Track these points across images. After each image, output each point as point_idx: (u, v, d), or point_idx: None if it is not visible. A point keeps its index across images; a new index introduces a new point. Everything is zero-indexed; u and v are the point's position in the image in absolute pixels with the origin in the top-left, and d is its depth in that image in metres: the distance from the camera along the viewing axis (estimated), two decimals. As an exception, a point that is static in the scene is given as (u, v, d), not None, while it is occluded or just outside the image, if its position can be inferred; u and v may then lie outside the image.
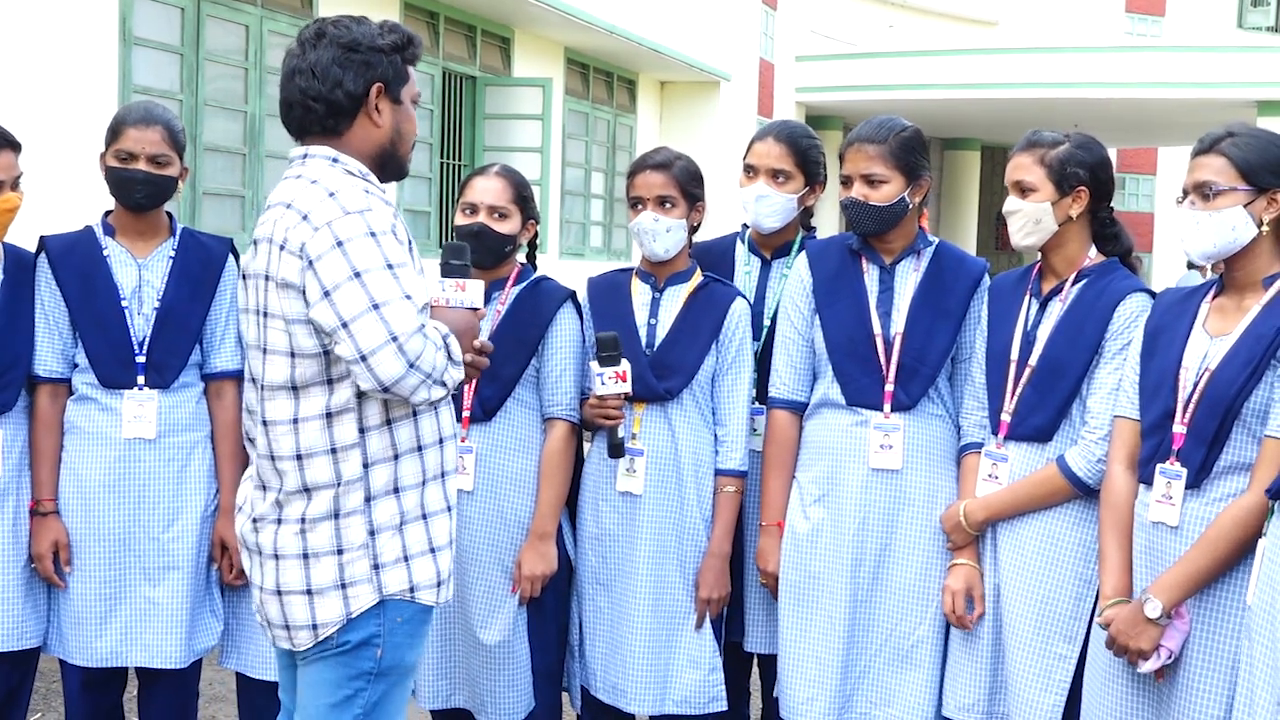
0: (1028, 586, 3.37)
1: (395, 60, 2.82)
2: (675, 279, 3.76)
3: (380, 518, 2.74)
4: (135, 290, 3.69)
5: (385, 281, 2.58)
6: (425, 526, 2.81)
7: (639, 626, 3.64)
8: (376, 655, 2.75)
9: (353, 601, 2.73)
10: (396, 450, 2.75)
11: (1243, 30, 32.41)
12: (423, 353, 2.58)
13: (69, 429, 3.68)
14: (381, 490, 2.74)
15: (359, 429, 2.71)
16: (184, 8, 9.77)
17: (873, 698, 3.55)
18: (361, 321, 2.56)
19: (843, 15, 25.25)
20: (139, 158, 3.62)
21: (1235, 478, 2.96)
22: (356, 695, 2.75)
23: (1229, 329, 3.04)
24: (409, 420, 2.77)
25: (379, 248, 2.61)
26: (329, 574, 2.73)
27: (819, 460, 3.62)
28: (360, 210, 2.64)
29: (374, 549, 2.73)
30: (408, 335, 2.56)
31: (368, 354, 2.55)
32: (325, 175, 2.73)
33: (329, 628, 2.74)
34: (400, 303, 2.58)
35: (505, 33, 14.64)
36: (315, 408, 2.71)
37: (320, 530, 2.73)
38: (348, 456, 2.71)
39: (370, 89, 2.78)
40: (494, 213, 3.69)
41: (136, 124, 3.63)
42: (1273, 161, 3.01)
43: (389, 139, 2.85)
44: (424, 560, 2.80)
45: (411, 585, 2.77)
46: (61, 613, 3.71)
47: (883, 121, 3.61)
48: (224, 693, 5.09)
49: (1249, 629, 2.77)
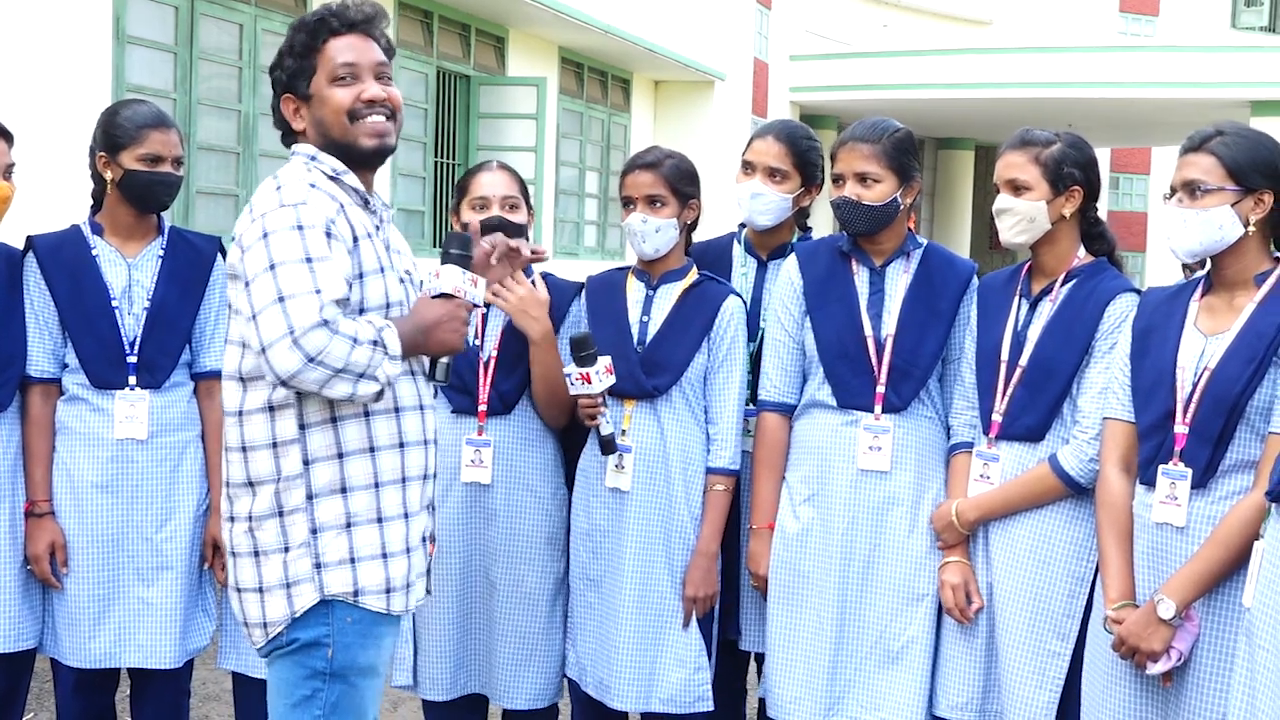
0: (1021, 585, 3.37)
1: (291, 63, 2.84)
2: (669, 277, 3.76)
3: (323, 517, 2.72)
4: (125, 290, 3.69)
5: (297, 275, 2.57)
6: (379, 530, 2.77)
7: (626, 623, 3.64)
8: (328, 655, 2.73)
9: (296, 600, 2.72)
10: (341, 449, 2.73)
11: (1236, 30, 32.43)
12: (326, 348, 2.53)
13: (60, 430, 3.67)
14: (325, 489, 2.72)
15: (299, 425, 2.70)
16: (178, 6, 9.75)
17: (862, 700, 3.55)
18: (266, 313, 2.56)
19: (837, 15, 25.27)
20: (165, 160, 3.62)
21: (1240, 476, 2.96)
22: (314, 695, 2.74)
23: (1224, 327, 3.04)
24: (359, 420, 2.74)
25: (301, 241, 2.61)
26: (276, 572, 2.73)
27: (807, 460, 3.62)
28: (295, 204, 2.66)
29: (316, 548, 2.72)
30: (304, 329, 2.53)
31: (267, 346, 2.55)
32: (290, 171, 2.78)
33: (276, 626, 2.74)
34: (306, 297, 2.55)
35: (500, 32, 14.63)
36: (258, 400, 2.71)
37: (267, 528, 2.73)
38: (288, 452, 2.71)
39: (280, 104, 2.87)
40: (506, 204, 3.72)
41: (159, 127, 3.63)
42: (1261, 162, 3.02)
43: (320, 133, 2.84)
44: (373, 565, 2.76)
45: (356, 589, 2.74)
46: (56, 614, 3.70)
47: (875, 122, 3.61)
48: (217, 692, 5.09)
49: (1249, 631, 2.76)
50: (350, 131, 2.81)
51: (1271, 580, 2.69)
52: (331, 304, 2.58)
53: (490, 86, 14.39)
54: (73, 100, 8.47)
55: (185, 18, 9.82)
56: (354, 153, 2.82)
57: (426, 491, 2.90)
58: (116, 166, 3.63)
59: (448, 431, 3.69)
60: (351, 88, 2.80)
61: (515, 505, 3.73)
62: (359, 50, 2.82)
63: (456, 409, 3.73)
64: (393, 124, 2.85)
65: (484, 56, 14.45)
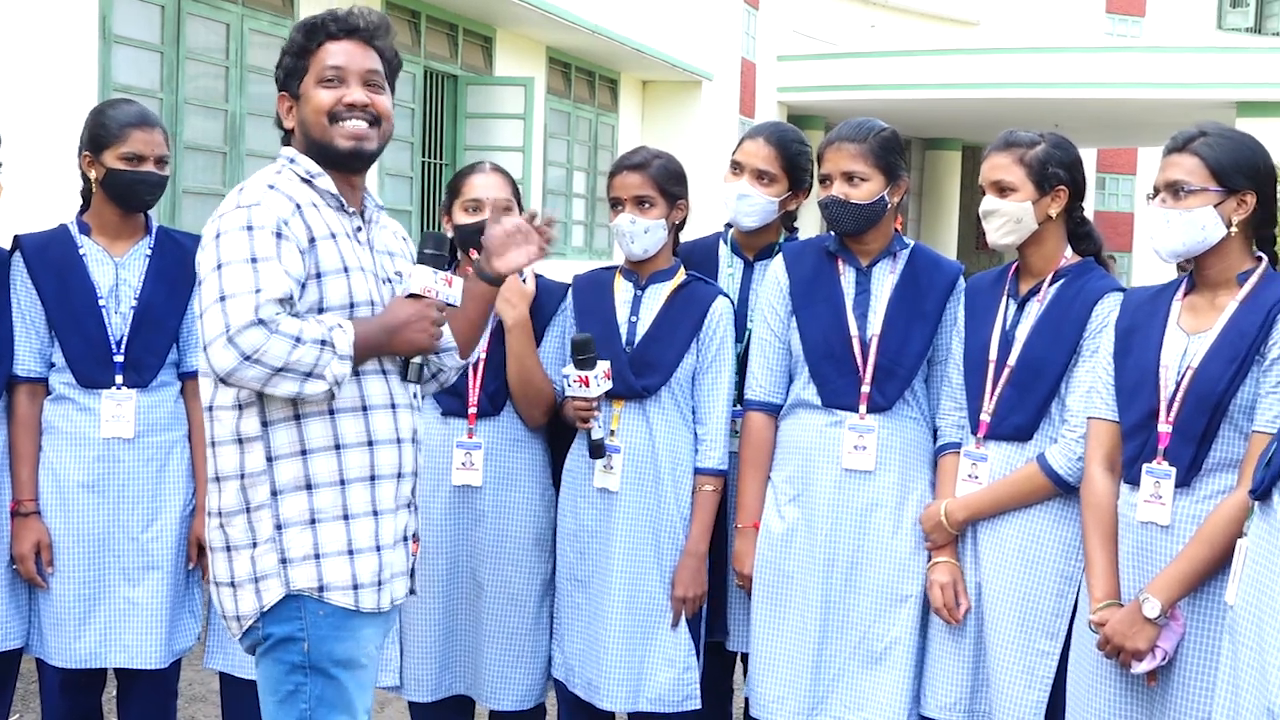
0: (1009, 584, 3.38)
1: (288, 61, 2.90)
2: (657, 277, 3.76)
3: (288, 513, 2.75)
4: (112, 289, 3.68)
5: (240, 274, 2.62)
6: (345, 527, 2.79)
7: (614, 624, 3.64)
8: (304, 649, 2.77)
9: (264, 594, 2.76)
10: (305, 446, 2.76)
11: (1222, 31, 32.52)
12: (264, 347, 2.57)
13: (47, 429, 3.67)
14: (290, 485, 2.75)
15: (261, 422, 2.74)
16: (164, 5, 9.72)
17: (846, 700, 3.55)
18: (209, 312, 2.62)
19: (824, 15, 25.28)
20: (148, 159, 3.62)
21: (1224, 474, 2.98)
22: (298, 690, 2.77)
23: (1206, 326, 3.05)
24: (323, 417, 2.77)
25: (249, 241, 2.66)
26: (245, 566, 2.77)
27: (792, 460, 3.62)
28: (249, 205, 2.71)
29: (281, 543, 2.75)
30: (239, 328, 2.57)
31: (208, 344, 2.61)
32: (259, 174, 2.84)
33: (248, 619, 2.79)
34: (245, 296, 2.59)
35: (487, 31, 14.62)
36: (227, 398, 2.76)
37: (236, 523, 2.77)
38: (252, 448, 2.75)
39: (278, 101, 2.93)
40: (499, 206, 3.71)
41: (141, 126, 3.63)
42: (1244, 163, 3.03)
43: (303, 133, 2.89)
44: (338, 560, 2.78)
45: (321, 584, 2.76)
46: (41, 613, 3.69)
47: (861, 122, 3.62)
48: (204, 693, 5.07)
49: (1232, 629, 2.77)
50: (328, 132, 2.85)
51: (1254, 577, 2.70)
52: (271, 303, 2.61)
53: (478, 86, 14.37)
54: (59, 100, 8.44)
55: (172, 17, 9.80)
56: (330, 153, 2.86)
57: (402, 490, 2.91)
58: (100, 165, 3.63)
59: (437, 433, 3.69)
60: (335, 90, 2.85)
61: (504, 506, 3.74)
62: (350, 55, 2.87)
63: (446, 411, 3.73)
64: (374, 130, 2.88)
65: (471, 56, 14.44)
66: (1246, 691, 2.68)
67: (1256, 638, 2.65)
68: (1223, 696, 2.79)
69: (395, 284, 2.94)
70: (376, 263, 2.93)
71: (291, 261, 2.70)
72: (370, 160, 2.92)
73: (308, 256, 2.74)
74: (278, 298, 2.62)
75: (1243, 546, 2.77)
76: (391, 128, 2.95)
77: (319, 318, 2.71)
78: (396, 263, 3.01)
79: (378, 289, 2.88)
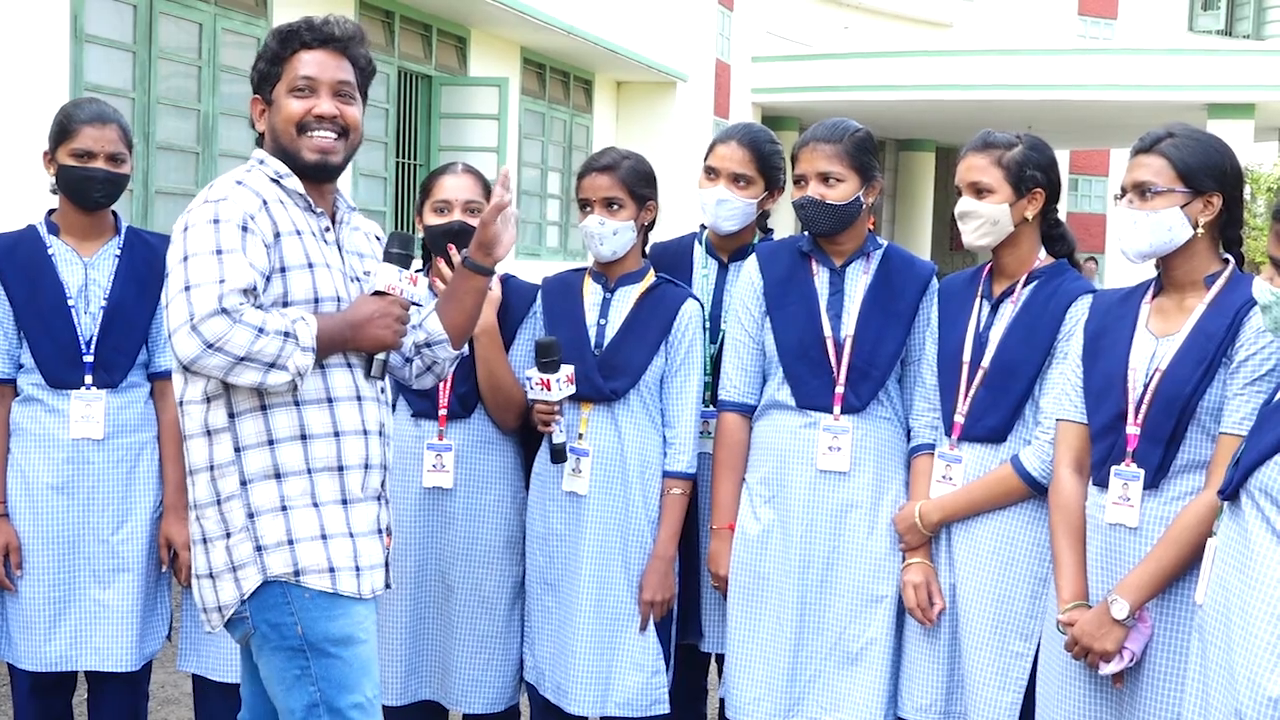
0: (984, 586, 3.38)
1: (264, 67, 2.95)
2: (627, 279, 3.75)
3: (259, 501, 2.80)
4: (81, 289, 3.65)
5: (205, 265, 2.68)
6: (317, 514, 2.84)
7: (583, 627, 3.63)
8: (298, 632, 2.81)
9: (243, 583, 2.82)
10: (272, 436, 2.81)
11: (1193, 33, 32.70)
12: (227, 335, 2.63)
13: (15, 431, 3.63)
14: (259, 474, 2.80)
15: (228, 414, 2.80)
16: (136, 5, 9.67)
17: (822, 701, 3.55)
18: (174, 301, 2.68)
19: (799, 17, 25.31)
20: (98, 156, 3.59)
21: (1192, 476, 2.98)
22: (303, 674, 2.81)
23: (1174, 329, 3.06)
24: (289, 408, 2.82)
25: (215, 234, 2.72)
26: (221, 556, 2.83)
27: (767, 461, 3.62)
28: (217, 199, 2.78)
29: (255, 531, 2.81)
30: (203, 317, 2.62)
31: (172, 332, 2.66)
32: (231, 172, 2.90)
33: (230, 609, 2.84)
34: (209, 286, 2.65)
35: (461, 32, 14.59)
36: (196, 392, 2.83)
37: (209, 515, 2.84)
38: (220, 440, 2.81)
39: (251, 105, 2.99)
40: (469, 209, 3.70)
41: (92, 122, 3.60)
42: (1211, 165, 3.03)
43: (273, 138, 2.95)
44: (312, 545, 2.82)
45: (297, 569, 2.81)
46: (10, 617, 3.66)
47: (836, 123, 3.62)
48: (176, 695, 5.05)
49: (1201, 629, 2.78)
50: (296, 142, 2.91)
51: (1222, 578, 2.71)
52: (235, 293, 2.67)
53: (452, 87, 14.34)
54: (30, 99, 8.38)
55: (144, 16, 9.74)
56: (297, 163, 2.91)
57: (370, 481, 2.95)
58: (54, 163, 3.62)
59: (408, 435, 3.67)
60: (306, 101, 2.91)
61: (475, 509, 3.72)
62: (322, 66, 2.92)
63: (417, 413, 3.72)
64: (341, 142, 2.94)
65: (445, 57, 14.41)
66: (1216, 691, 2.69)
67: (1224, 638, 2.67)
68: (1192, 696, 2.80)
69: (364, 283, 2.98)
70: (345, 262, 2.97)
71: (256, 254, 2.75)
72: (336, 172, 2.98)
73: (272, 251, 2.80)
74: (241, 288, 2.68)
75: (1212, 546, 2.78)
76: (360, 137, 3.00)
77: (282, 311, 2.76)
78: (366, 263, 3.05)
79: (345, 286, 2.93)
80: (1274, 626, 2.56)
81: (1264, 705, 2.54)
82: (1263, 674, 2.55)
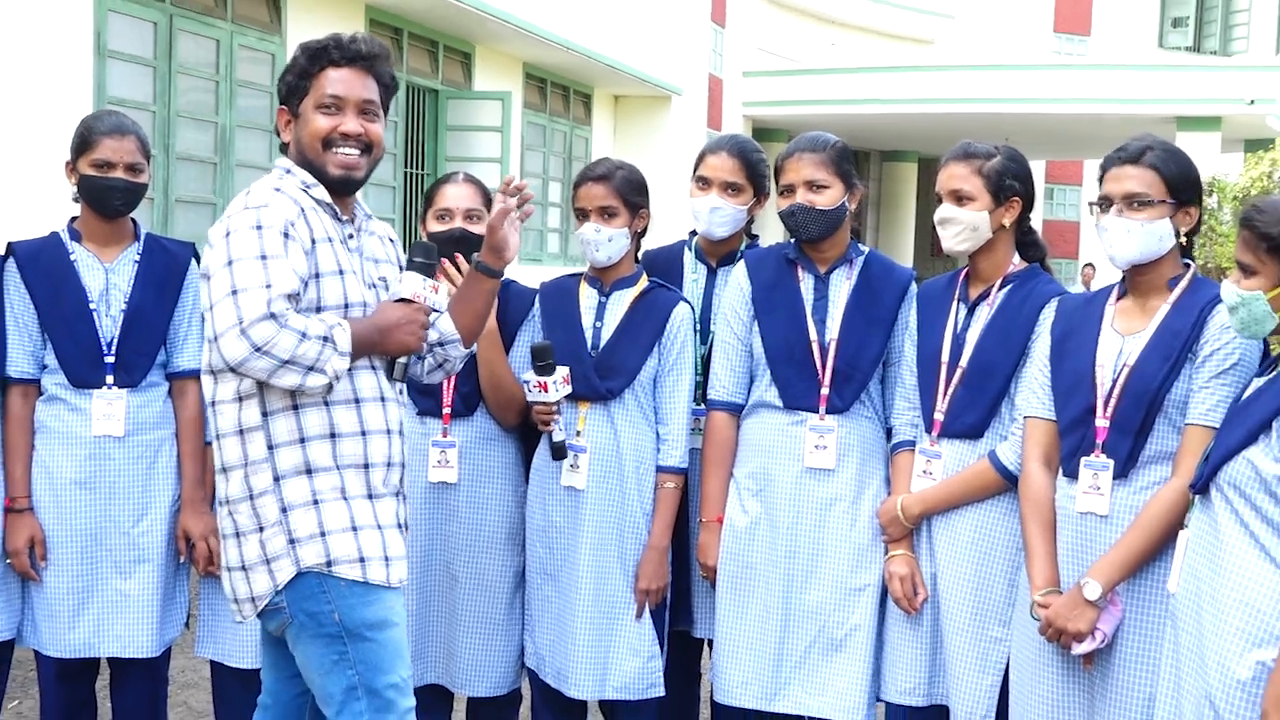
0: (963, 575, 3.38)
1: (292, 80, 2.95)
2: (621, 284, 3.76)
3: (292, 496, 2.81)
4: (103, 293, 3.65)
5: (251, 270, 2.67)
6: (347, 506, 2.85)
7: (581, 615, 3.64)
8: (335, 619, 2.82)
9: (277, 574, 2.82)
10: (304, 434, 2.81)
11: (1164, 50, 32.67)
12: (274, 339, 2.62)
13: (39, 428, 3.64)
14: (291, 470, 2.81)
15: (262, 413, 2.79)
16: (156, 22, 9.66)
17: (807, 685, 3.56)
18: (220, 305, 2.65)
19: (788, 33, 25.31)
20: (117, 166, 3.59)
21: (1159, 466, 3.00)
22: (341, 659, 2.83)
23: (1140, 328, 3.09)
24: (319, 408, 2.82)
25: (259, 240, 2.71)
26: (255, 550, 2.83)
27: (755, 458, 3.63)
28: (257, 206, 2.77)
29: (288, 525, 2.80)
30: (252, 321, 2.61)
31: (218, 335, 2.64)
32: (263, 180, 2.89)
33: (263, 600, 2.84)
34: (256, 290, 2.64)
35: (466, 48, 14.58)
36: (228, 392, 2.82)
37: (242, 510, 2.83)
38: (253, 438, 2.80)
39: (277, 113, 2.99)
40: (470, 216, 3.71)
41: (111, 134, 3.60)
42: (1192, 179, 3.09)
43: (299, 150, 2.95)
44: (343, 537, 2.83)
45: (329, 559, 2.81)
46: (36, 606, 3.66)
47: (816, 135, 3.65)
48: (195, 679, 5.05)
49: (1174, 616, 2.81)
50: (322, 157, 2.91)
51: (1193, 568, 2.73)
52: (281, 298, 2.66)
53: (457, 100, 14.33)
54: (55, 112, 8.36)
55: (164, 33, 9.73)
56: (322, 176, 2.92)
57: (391, 478, 2.96)
58: (76, 173, 3.62)
59: (414, 432, 3.67)
60: (332, 118, 2.91)
61: (478, 502, 3.73)
62: (349, 84, 2.92)
63: (422, 411, 3.73)
64: (365, 158, 2.96)
65: (451, 71, 14.39)
66: (1188, 675, 2.71)
67: (1196, 625, 2.69)
68: (1166, 681, 2.82)
69: (379, 288, 3.00)
70: (364, 268, 2.99)
71: (297, 260, 2.76)
72: (358, 186, 2.99)
73: (310, 258, 2.80)
74: (286, 293, 2.68)
75: (1184, 538, 2.81)
76: (382, 152, 3.01)
77: (319, 316, 2.75)
78: (381, 268, 3.06)
79: (365, 292, 2.94)
80: (1243, 614, 2.58)
81: (1233, 688, 2.57)
82: (1232, 659, 2.58)
